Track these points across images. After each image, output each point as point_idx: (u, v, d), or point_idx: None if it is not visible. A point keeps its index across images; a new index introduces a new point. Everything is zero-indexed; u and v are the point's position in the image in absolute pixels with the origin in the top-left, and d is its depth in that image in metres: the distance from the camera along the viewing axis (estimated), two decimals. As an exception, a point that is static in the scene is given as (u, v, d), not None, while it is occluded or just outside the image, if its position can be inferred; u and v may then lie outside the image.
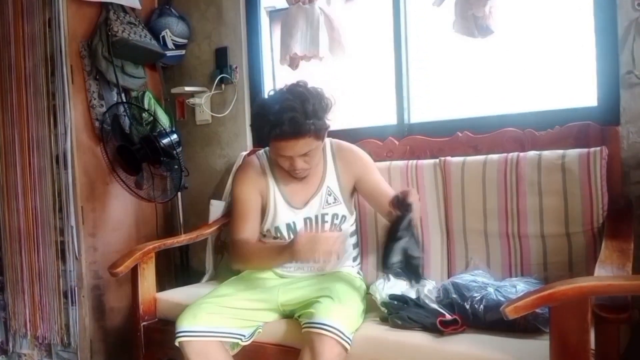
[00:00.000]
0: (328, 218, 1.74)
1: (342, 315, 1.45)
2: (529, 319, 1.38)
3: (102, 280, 2.39)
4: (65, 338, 2.37)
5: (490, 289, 1.50)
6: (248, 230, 1.71)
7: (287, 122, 1.51)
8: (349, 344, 1.43)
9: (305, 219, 1.73)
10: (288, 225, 1.74)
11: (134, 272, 1.96)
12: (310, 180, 1.74)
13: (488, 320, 1.44)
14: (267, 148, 1.78)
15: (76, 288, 2.34)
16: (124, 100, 2.43)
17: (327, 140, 1.78)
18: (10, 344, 2.56)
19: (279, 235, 1.75)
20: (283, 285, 1.71)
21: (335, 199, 1.75)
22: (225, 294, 1.69)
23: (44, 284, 2.42)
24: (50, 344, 2.43)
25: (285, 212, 1.74)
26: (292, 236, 1.69)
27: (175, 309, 1.76)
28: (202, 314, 1.58)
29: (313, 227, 1.73)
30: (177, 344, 1.58)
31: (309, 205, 1.73)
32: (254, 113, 1.71)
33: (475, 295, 1.49)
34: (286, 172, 1.70)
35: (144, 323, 1.97)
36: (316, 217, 1.73)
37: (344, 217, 1.76)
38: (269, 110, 1.55)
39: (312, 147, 1.60)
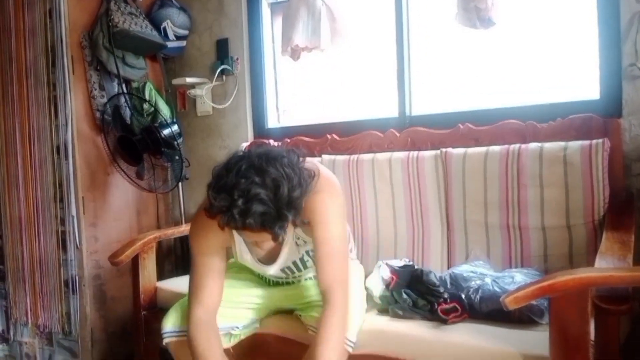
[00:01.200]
0: (306, 257, 1.53)
1: (346, 320, 1.40)
2: (523, 310, 1.39)
3: (103, 269, 2.40)
4: (66, 326, 2.38)
5: (488, 280, 1.50)
6: (206, 299, 1.44)
7: (255, 216, 1.18)
8: (352, 346, 1.42)
9: (282, 270, 1.54)
10: (262, 277, 1.62)
11: (135, 261, 1.97)
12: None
13: (484, 310, 1.45)
14: None
15: (77, 277, 2.35)
16: (125, 91, 2.43)
17: None
18: (12, 333, 2.57)
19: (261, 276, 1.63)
20: (277, 285, 1.65)
21: (304, 241, 1.48)
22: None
23: (45, 273, 2.43)
24: (51, 332, 2.44)
25: (257, 267, 1.55)
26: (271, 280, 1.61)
27: (175, 298, 1.76)
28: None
29: (294, 270, 1.55)
30: (164, 344, 1.56)
31: (281, 258, 1.50)
32: (211, 191, 1.22)
33: (472, 285, 1.49)
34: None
35: (145, 312, 1.99)
36: (294, 263, 1.53)
37: None
38: (231, 196, 1.18)
39: (274, 234, 1.24)
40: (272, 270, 1.53)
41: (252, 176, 1.20)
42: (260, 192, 1.18)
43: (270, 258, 1.50)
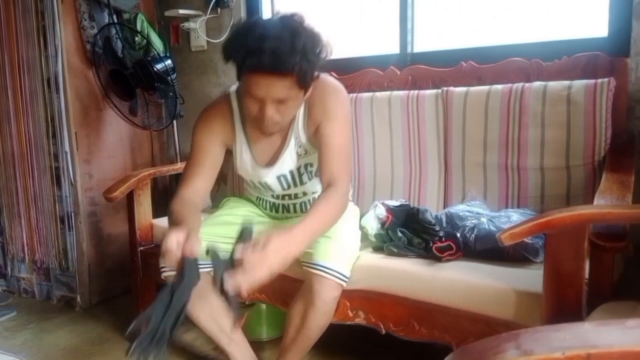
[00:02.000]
0: (303, 170, 1.56)
1: (341, 255, 1.43)
2: (517, 249, 1.39)
3: (98, 206, 2.39)
4: (63, 262, 2.40)
5: (484, 219, 1.50)
6: (196, 183, 1.48)
7: (268, 52, 1.21)
8: (346, 282, 1.43)
9: (278, 177, 1.56)
10: (260, 183, 1.61)
11: (130, 198, 1.96)
12: (278, 134, 1.50)
13: (478, 249, 1.45)
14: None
15: (73, 214, 2.35)
16: (116, 22, 2.34)
17: None
18: (9, 268, 2.60)
19: (258, 186, 1.64)
20: (276, 219, 1.68)
21: (305, 150, 1.52)
22: (212, 224, 1.62)
23: (40, 209, 2.42)
24: (48, 268, 2.47)
25: (255, 171, 1.56)
26: (270, 191, 1.61)
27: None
28: None
29: (290, 183, 1.57)
30: (163, 277, 1.58)
31: (279, 162, 1.52)
32: (230, 34, 1.32)
33: (468, 224, 1.49)
34: (255, 124, 1.43)
35: (141, 248, 1.99)
36: (291, 172, 1.55)
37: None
38: (249, 34, 1.24)
39: (290, 95, 1.30)
40: (270, 176, 1.54)
41: (274, 22, 1.28)
42: (278, 33, 1.23)
43: (269, 161, 1.53)
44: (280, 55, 1.22)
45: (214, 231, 1.56)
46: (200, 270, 1.29)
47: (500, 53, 1.86)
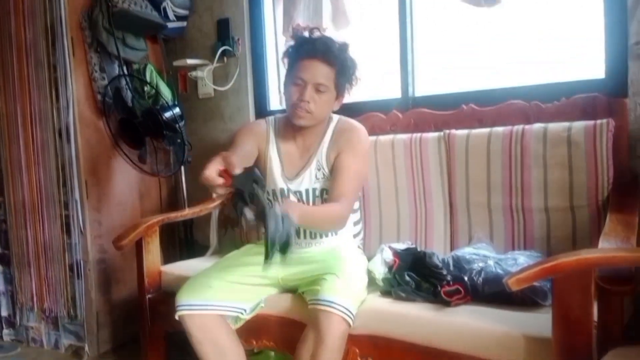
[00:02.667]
0: (318, 193, 1.71)
1: (347, 292, 1.45)
2: (526, 292, 1.38)
3: (107, 254, 2.41)
4: (71, 311, 2.40)
5: (491, 262, 1.50)
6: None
7: (320, 41, 1.62)
8: (353, 319, 1.44)
9: (295, 192, 1.72)
10: (281, 191, 1.73)
11: (139, 245, 1.98)
12: (304, 153, 1.73)
13: (486, 292, 1.45)
14: (277, 115, 1.84)
15: (82, 261, 2.36)
16: (126, 73, 2.41)
17: (336, 117, 1.77)
18: (18, 317, 2.59)
19: (270, 198, 1.74)
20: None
21: (323, 175, 1.71)
22: (225, 267, 1.69)
23: (50, 257, 2.44)
24: (57, 316, 2.46)
25: (279, 179, 1.73)
26: (276, 203, 1.72)
27: (179, 282, 1.77)
28: (202, 288, 1.59)
29: (303, 201, 1.72)
30: (177, 317, 1.60)
31: (299, 178, 1.72)
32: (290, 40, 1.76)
33: (475, 267, 1.49)
34: (286, 141, 1.74)
35: (150, 296, 1.99)
36: (306, 191, 1.71)
37: None
38: (306, 35, 1.68)
39: (328, 87, 1.62)
40: (293, 186, 1.72)
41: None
42: (332, 39, 1.66)
43: (292, 175, 1.73)
44: (330, 46, 1.62)
45: (224, 273, 1.64)
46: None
47: (500, 96, 1.90)
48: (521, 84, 1.92)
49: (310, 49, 1.61)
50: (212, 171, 1.30)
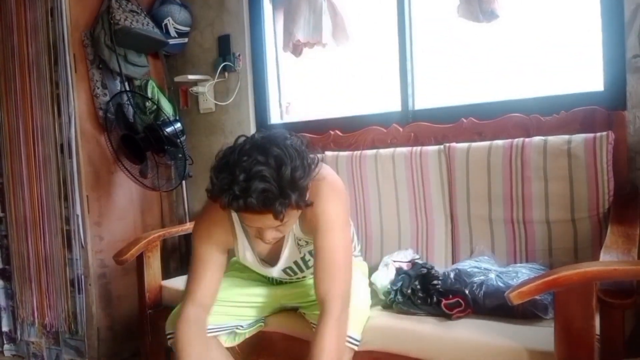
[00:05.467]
0: (308, 257, 1.51)
1: (351, 319, 1.39)
2: (527, 306, 1.38)
3: (108, 268, 2.41)
4: (72, 326, 2.40)
5: (492, 275, 1.50)
6: (202, 292, 1.43)
7: (256, 194, 1.15)
8: (357, 345, 1.42)
9: (284, 270, 1.52)
10: (265, 276, 1.60)
11: (140, 260, 1.98)
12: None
13: (487, 305, 1.45)
14: None
15: (83, 276, 2.36)
16: (127, 89, 2.43)
17: None
18: (18, 332, 2.59)
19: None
20: (281, 283, 1.65)
21: (306, 242, 1.46)
22: (223, 288, 1.54)
23: (51, 272, 2.44)
24: (57, 331, 2.46)
25: (260, 268, 1.54)
26: (275, 279, 1.59)
27: (180, 297, 1.76)
28: None
29: (297, 271, 1.53)
30: (169, 344, 1.55)
31: (282, 259, 1.48)
32: (213, 171, 1.22)
33: (476, 280, 1.49)
34: None
35: (150, 311, 1.99)
36: (296, 263, 1.51)
37: None
38: (234, 172, 1.16)
39: (286, 218, 1.22)
40: (275, 272, 1.52)
41: (255, 155, 1.18)
42: (263, 169, 1.16)
43: (272, 258, 1.49)
44: (267, 197, 1.16)
45: (218, 295, 1.54)
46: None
47: (499, 109, 1.90)
48: (521, 97, 1.93)
49: (246, 207, 1.16)
50: None
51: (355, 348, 1.41)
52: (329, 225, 1.34)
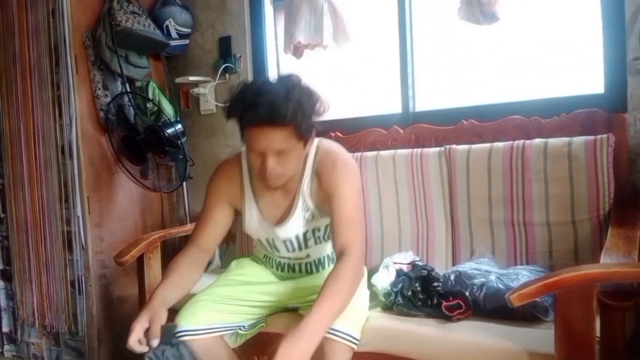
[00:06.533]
0: (310, 235, 1.57)
1: (350, 317, 1.41)
2: (527, 308, 1.38)
3: (108, 269, 2.41)
4: (73, 327, 2.40)
5: (492, 277, 1.50)
6: (205, 236, 1.57)
7: (264, 105, 1.28)
8: (357, 345, 1.42)
9: (284, 241, 1.58)
10: (267, 241, 1.62)
11: (140, 261, 1.98)
12: (286, 196, 1.54)
13: (488, 307, 1.45)
14: None
15: (83, 277, 2.36)
16: (129, 90, 2.43)
17: (316, 141, 1.53)
18: (19, 333, 2.59)
19: (265, 244, 1.65)
20: (283, 279, 1.68)
21: (313, 215, 1.53)
22: (224, 286, 1.64)
23: (51, 273, 2.44)
24: (58, 332, 2.46)
25: (263, 229, 1.58)
26: (276, 251, 1.63)
27: (181, 298, 1.76)
28: (201, 312, 1.53)
29: (295, 247, 1.58)
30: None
31: (286, 225, 1.54)
32: (230, 95, 1.40)
33: (476, 282, 1.49)
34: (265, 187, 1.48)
35: (151, 312, 1.98)
36: (297, 237, 1.56)
37: (327, 226, 1.57)
38: (247, 92, 1.35)
39: (289, 146, 1.35)
40: (278, 233, 1.56)
41: (268, 80, 1.41)
42: (273, 88, 1.33)
43: (277, 220, 1.56)
44: (275, 107, 1.29)
45: (224, 292, 1.59)
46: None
47: (500, 111, 1.91)
48: (521, 99, 1.94)
49: (254, 117, 1.31)
50: (135, 339, 1.31)
51: (355, 347, 1.41)
52: (342, 190, 1.44)
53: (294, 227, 1.54)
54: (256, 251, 1.81)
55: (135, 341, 1.32)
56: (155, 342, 1.31)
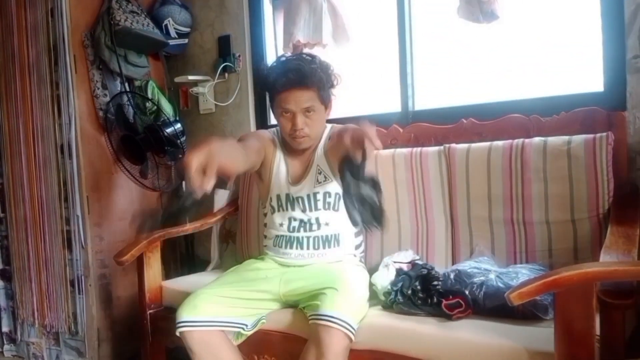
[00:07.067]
0: (320, 197, 1.74)
1: (348, 306, 1.45)
2: (527, 306, 1.38)
3: (108, 269, 2.41)
4: (72, 326, 2.40)
5: (492, 276, 1.50)
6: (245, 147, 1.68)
7: (293, 71, 1.62)
8: (354, 334, 1.43)
9: (297, 198, 1.75)
10: (281, 196, 1.78)
11: (140, 260, 1.98)
12: (304, 161, 1.78)
13: (487, 306, 1.45)
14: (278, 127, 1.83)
15: (83, 277, 2.36)
16: (128, 90, 2.43)
17: (329, 125, 1.82)
18: (19, 333, 2.59)
19: (272, 205, 1.80)
20: (284, 275, 1.70)
21: (325, 177, 1.75)
22: (226, 283, 1.70)
23: (51, 272, 2.44)
24: (57, 332, 2.46)
25: (284, 185, 1.78)
26: (280, 209, 1.78)
27: (181, 297, 1.77)
28: (203, 303, 1.58)
29: (305, 207, 1.75)
30: (178, 334, 1.59)
31: (300, 185, 1.76)
32: (261, 73, 1.76)
33: (476, 281, 1.49)
34: (289, 148, 1.78)
35: (150, 311, 1.99)
36: (308, 196, 1.74)
37: (337, 194, 1.74)
38: (276, 64, 1.70)
39: (315, 106, 1.66)
40: (293, 192, 1.75)
41: (291, 55, 1.81)
42: (299, 58, 1.69)
43: (295, 180, 1.78)
44: (302, 71, 1.62)
45: (226, 288, 1.64)
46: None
47: (499, 109, 1.90)
48: (521, 98, 1.93)
49: (286, 82, 1.62)
50: (196, 167, 1.19)
51: (352, 336, 1.42)
52: None
53: (307, 187, 1.75)
54: (263, 245, 1.86)
55: (198, 172, 1.18)
56: (210, 186, 1.19)
